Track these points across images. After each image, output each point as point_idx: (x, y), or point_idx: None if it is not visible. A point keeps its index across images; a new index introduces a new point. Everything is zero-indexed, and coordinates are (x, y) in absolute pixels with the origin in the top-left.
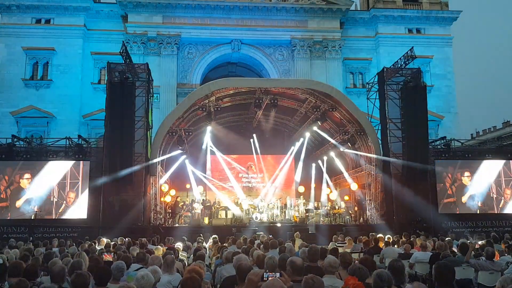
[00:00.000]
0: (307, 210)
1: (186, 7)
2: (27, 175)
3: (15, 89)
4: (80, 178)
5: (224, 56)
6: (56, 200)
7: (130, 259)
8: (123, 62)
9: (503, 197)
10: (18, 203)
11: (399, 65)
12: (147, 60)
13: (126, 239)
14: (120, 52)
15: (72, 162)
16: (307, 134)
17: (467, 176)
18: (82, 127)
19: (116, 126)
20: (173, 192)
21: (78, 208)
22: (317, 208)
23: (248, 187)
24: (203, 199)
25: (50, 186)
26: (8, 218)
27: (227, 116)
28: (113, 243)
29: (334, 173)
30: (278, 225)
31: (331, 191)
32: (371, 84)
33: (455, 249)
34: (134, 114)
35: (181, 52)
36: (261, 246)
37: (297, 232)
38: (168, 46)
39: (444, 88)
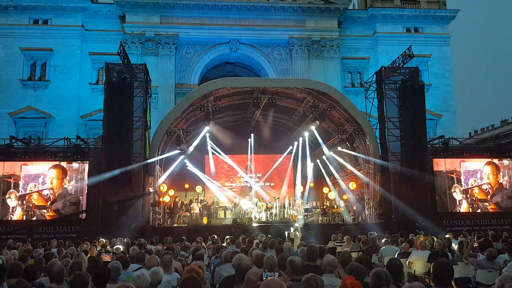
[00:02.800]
0: (305, 210)
1: (184, 7)
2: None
3: (13, 90)
4: (79, 179)
5: (222, 56)
6: (53, 199)
7: (129, 259)
8: (121, 62)
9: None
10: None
11: (397, 64)
12: (145, 60)
13: (125, 239)
14: (118, 52)
15: (71, 162)
16: (306, 134)
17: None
18: (80, 128)
19: (114, 127)
20: (171, 192)
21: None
22: (315, 207)
23: (247, 187)
24: (201, 199)
25: (49, 187)
26: (7, 218)
27: (225, 116)
28: (112, 244)
29: (332, 172)
30: (277, 224)
31: (329, 191)
32: (369, 83)
33: (453, 248)
34: (132, 114)
35: (179, 52)
36: (260, 245)
37: (296, 232)
38: (166, 46)
39: (442, 87)
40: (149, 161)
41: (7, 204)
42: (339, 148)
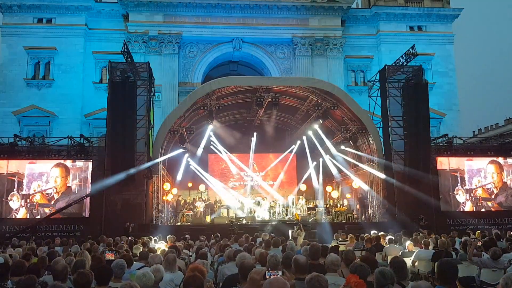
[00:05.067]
0: (309, 208)
1: (187, 6)
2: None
3: (17, 89)
4: (82, 177)
5: (225, 55)
6: (57, 198)
7: (132, 258)
8: (125, 61)
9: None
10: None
11: (400, 63)
12: (148, 59)
13: (129, 237)
14: (121, 51)
15: (74, 161)
16: (309, 132)
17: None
18: (84, 126)
19: (118, 125)
20: (175, 190)
21: (80, 207)
22: (319, 206)
23: (250, 186)
24: (203, 198)
25: (52, 185)
26: (12, 217)
27: (228, 114)
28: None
29: (336, 171)
30: (280, 223)
31: (333, 189)
32: (372, 82)
33: (457, 247)
34: (136, 113)
35: (183, 51)
36: (263, 244)
37: (299, 230)
38: (169, 45)
39: (445, 86)
40: (152, 160)
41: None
42: (343, 147)
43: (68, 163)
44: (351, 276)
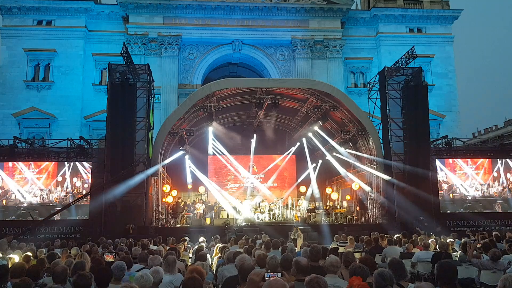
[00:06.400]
0: (308, 210)
1: (187, 8)
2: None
3: (17, 91)
4: (82, 179)
5: (225, 57)
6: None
7: (132, 259)
8: (124, 63)
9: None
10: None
11: (400, 64)
12: (148, 61)
13: (128, 239)
14: (121, 53)
15: (74, 163)
16: (309, 134)
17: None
18: (84, 128)
19: (118, 127)
20: (174, 192)
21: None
22: (318, 207)
23: (250, 188)
24: (203, 200)
25: (52, 187)
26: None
27: (228, 116)
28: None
29: (335, 172)
30: (280, 225)
31: (332, 191)
32: (372, 84)
33: (457, 248)
34: (135, 115)
35: (182, 52)
36: (263, 246)
37: (299, 232)
38: (169, 47)
39: (445, 87)
40: (152, 162)
41: None
42: (342, 149)
43: (67, 165)
44: (354, 278)
